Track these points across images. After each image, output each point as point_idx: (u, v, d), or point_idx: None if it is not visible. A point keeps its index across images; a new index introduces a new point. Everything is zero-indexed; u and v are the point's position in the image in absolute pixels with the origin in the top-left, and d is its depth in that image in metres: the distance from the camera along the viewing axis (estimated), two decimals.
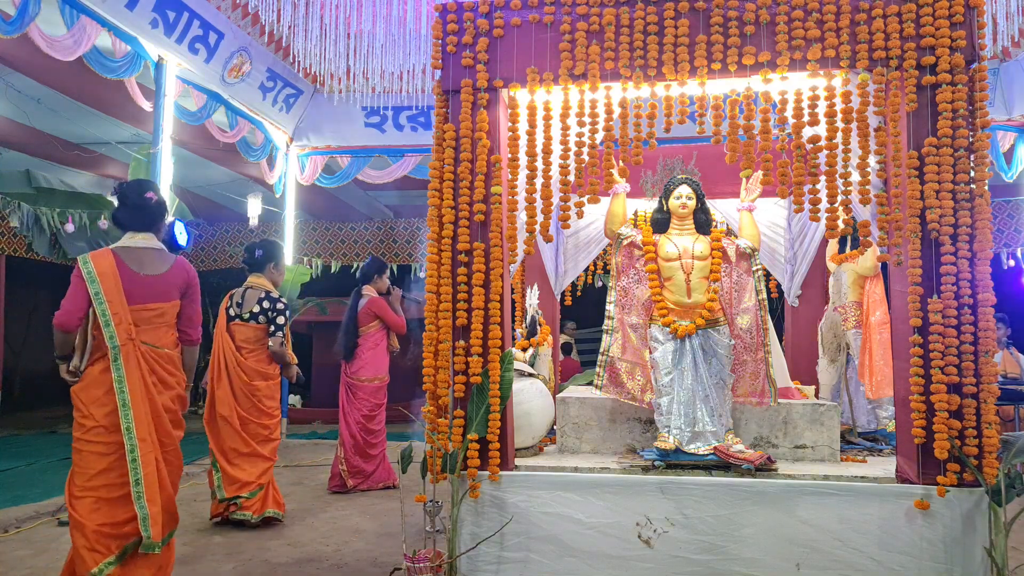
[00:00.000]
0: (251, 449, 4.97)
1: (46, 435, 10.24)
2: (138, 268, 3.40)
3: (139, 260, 3.42)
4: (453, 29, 3.78)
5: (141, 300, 3.36)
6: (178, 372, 3.48)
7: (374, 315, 6.11)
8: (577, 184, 3.64)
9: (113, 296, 3.30)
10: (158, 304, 3.41)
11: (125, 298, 3.32)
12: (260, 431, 5.03)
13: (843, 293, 4.95)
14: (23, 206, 5.67)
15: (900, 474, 3.46)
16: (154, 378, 3.36)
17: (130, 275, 3.36)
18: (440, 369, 3.61)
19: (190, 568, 4.08)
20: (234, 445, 4.96)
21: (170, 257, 3.52)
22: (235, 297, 5.15)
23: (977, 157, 3.36)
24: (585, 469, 3.65)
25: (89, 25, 5.85)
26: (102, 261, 3.35)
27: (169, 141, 6.74)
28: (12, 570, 4.01)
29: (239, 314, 5.08)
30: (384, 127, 9.13)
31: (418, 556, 3.43)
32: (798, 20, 3.48)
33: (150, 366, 3.36)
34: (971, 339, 3.28)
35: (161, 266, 3.45)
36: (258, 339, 5.08)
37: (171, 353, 3.45)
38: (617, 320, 4.00)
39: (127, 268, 3.37)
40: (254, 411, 5.01)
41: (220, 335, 5.08)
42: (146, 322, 3.37)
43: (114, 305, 3.29)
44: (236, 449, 4.96)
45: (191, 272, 3.55)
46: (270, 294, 5.13)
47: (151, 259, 3.45)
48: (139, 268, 3.40)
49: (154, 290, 3.41)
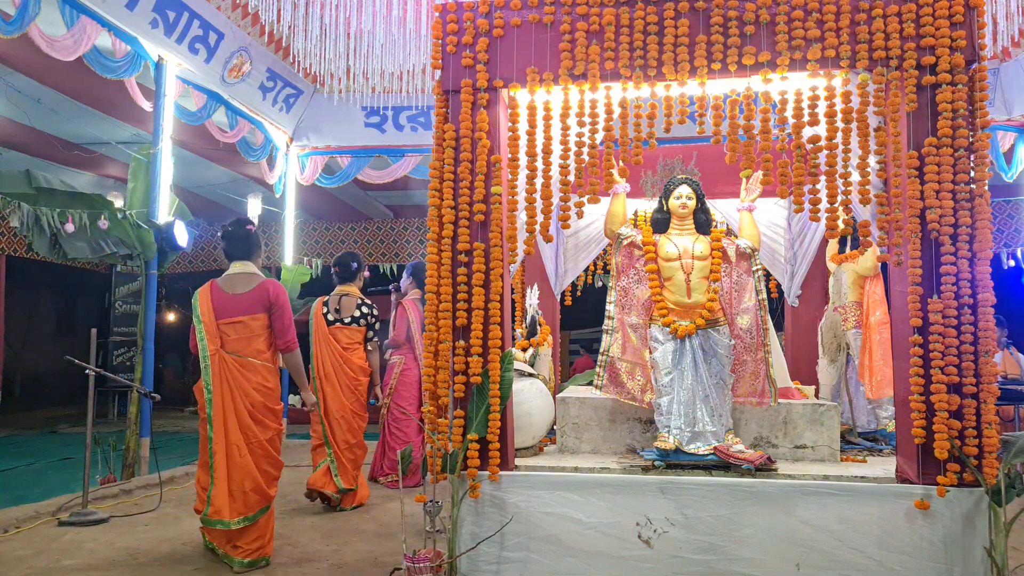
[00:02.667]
0: (357, 440, 5.55)
1: (46, 435, 10.24)
2: (229, 289, 4.15)
3: (231, 283, 4.18)
4: (453, 29, 3.78)
5: (228, 315, 4.10)
6: (260, 377, 4.11)
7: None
8: (577, 184, 3.64)
9: (205, 314, 4.08)
10: (241, 318, 4.10)
11: (214, 314, 4.08)
12: (362, 424, 5.59)
13: (843, 293, 4.95)
14: (23, 206, 5.67)
15: (900, 474, 3.46)
16: (234, 382, 4.04)
17: (220, 295, 4.13)
18: (440, 369, 3.61)
19: (191, 567, 4.08)
20: (345, 438, 5.47)
21: (258, 278, 4.22)
22: (331, 303, 5.64)
23: (977, 157, 3.36)
24: (585, 469, 3.65)
25: (89, 25, 5.85)
26: (202, 290, 4.16)
27: (169, 141, 6.75)
28: (12, 570, 4.01)
29: (339, 318, 5.57)
30: (384, 127, 9.13)
31: (418, 556, 3.43)
32: (798, 20, 3.48)
33: (232, 372, 4.04)
34: (971, 339, 3.28)
35: (248, 286, 4.16)
36: (358, 340, 5.62)
37: (255, 362, 4.11)
38: (617, 320, 4.00)
39: (219, 290, 4.15)
40: (357, 405, 5.54)
41: (323, 338, 5.54)
42: (233, 334, 4.09)
43: (206, 322, 4.06)
44: (347, 441, 5.48)
45: (274, 290, 4.20)
46: (365, 301, 5.70)
47: (243, 281, 4.18)
48: (230, 289, 4.15)
49: (238, 306, 4.11)
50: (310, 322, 5.62)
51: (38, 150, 9.13)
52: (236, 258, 4.25)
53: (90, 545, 4.46)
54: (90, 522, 4.91)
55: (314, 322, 5.60)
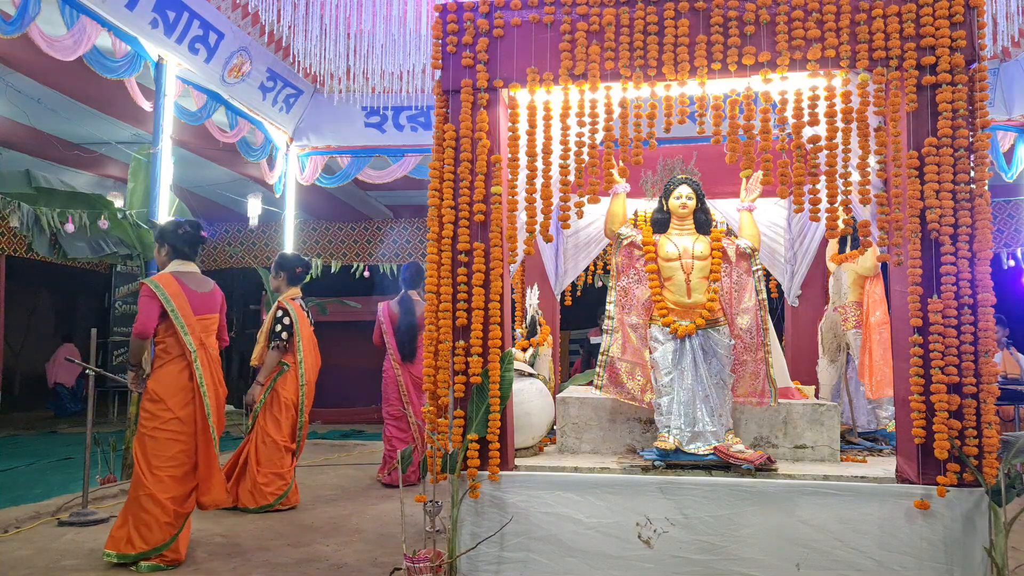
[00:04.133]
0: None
1: (46, 435, 10.24)
2: (195, 287, 4.27)
3: (195, 281, 4.30)
4: (453, 29, 3.78)
5: (201, 312, 4.23)
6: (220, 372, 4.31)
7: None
8: (577, 184, 3.64)
9: (183, 308, 4.13)
10: (212, 315, 4.30)
11: (191, 310, 4.16)
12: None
13: (843, 293, 4.94)
14: (23, 206, 5.67)
15: (900, 474, 3.46)
16: (217, 376, 4.23)
17: (190, 292, 4.22)
18: (440, 369, 3.61)
19: (191, 567, 4.08)
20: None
21: (207, 279, 4.41)
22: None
23: (977, 157, 3.36)
24: (585, 469, 3.65)
25: (89, 25, 5.84)
26: (169, 284, 4.15)
27: (169, 141, 6.74)
28: (12, 570, 4.01)
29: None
30: (384, 127, 9.13)
31: (418, 556, 3.43)
32: (798, 20, 3.48)
33: (214, 366, 4.22)
34: (971, 339, 3.28)
35: (207, 286, 4.35)
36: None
37: (217, 356, 4.31)
38: (617, 320, 4.00)
39: (187, 286, 4.22)
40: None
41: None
42: (202, 330, 4.21)
43: (186, 317, 4.12)
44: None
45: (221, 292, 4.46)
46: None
47: (200, 281, 4.34)
48: (196, 287, 4.28)
49: (207, 304, 4.29)
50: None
51: (38, 150, 9.13)
52: (189, 258, 4.35)
53: (90, 545, 4.45)
54: (90, 522, 4.91)
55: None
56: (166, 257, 4.34)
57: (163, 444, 4.00)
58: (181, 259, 4.31)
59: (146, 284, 4.16)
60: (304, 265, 5.88)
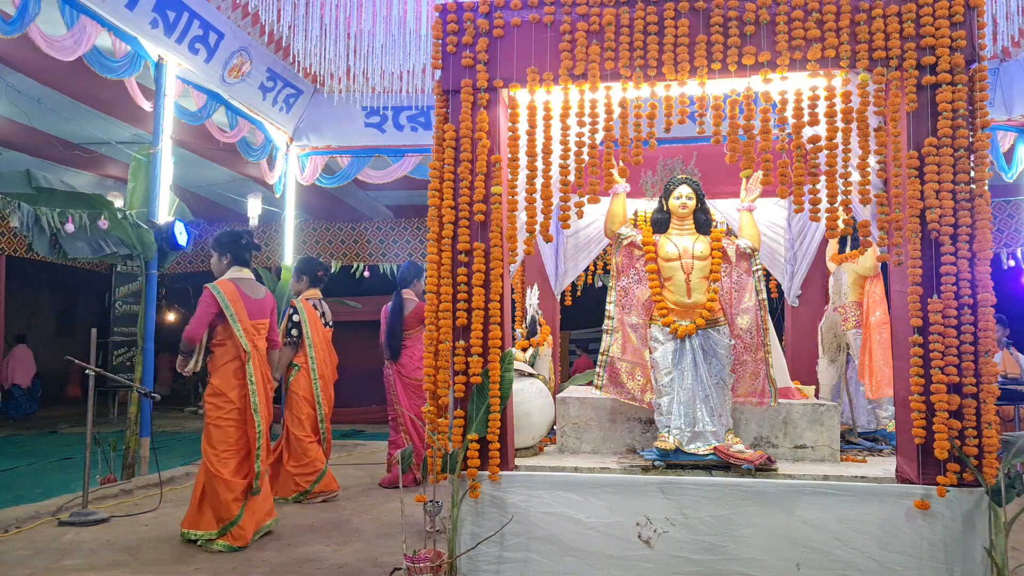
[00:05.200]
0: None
1: (46, 435, 10.24)
2: (250, 293, 4.68)
3: (249, 288, 4.70)
4: (453, 29, 3.78)
5: (256, 317, 4.67)
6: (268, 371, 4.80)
7: (421, 320, 6.19)
8: (577, 184, 3.63)
9: (239, 312, 4.56)
10: (265, 320, 4.74)
11: (247, 314, 4.59)
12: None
13: (843, 293, 4.95)
14: (23, 206, 5.67)
15: (900, 474, 3.46)
16: (266, 376, 4.69)
17: (246, 297, 4.64)
18: (440, 369, 3.61)
19: (191, 567, 4.08)
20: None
21: (260, 285, 4.82)
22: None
23: (977, 157, 3.36)
24: (585, 469, 3.65)
25: (89, 25, 5.85)
26: (228, 290, 4.56)
27: (169, 141, 6.75)
28: (12, 570, 4.01)
29: (326, 321, 6.21)
30: (384, 127, 9.13)
31: (418, 556, 3.43)
32: (798, 20, 3.48)
33: (264, 367, 4.69)
34: (971, 339, 3.28)
35: (260, 292, 4.77)
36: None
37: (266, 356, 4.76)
38: (617, 320, 4.00)
39: (244, 292, 4.64)
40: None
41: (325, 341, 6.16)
42: (256, 334, 4.66)
43: (242, 321, 4.56)
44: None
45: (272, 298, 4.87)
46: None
47: (254, 287, 4.75)
48: (251, 293, 4.69)
49: (261, 309, 4.72)
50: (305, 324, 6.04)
51: (38, 150, 9.13)
52: (244, 264, 4.77)
53: (90, 545, 4.46)
54: (90, 522, 4.91)
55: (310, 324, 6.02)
56: (226, 265, 4.75)
57: (226, 431, 4.50)
58: (240, 266, 4.74)
59: (208, 289, 4.57)
60: (324, 269, 6.25)
